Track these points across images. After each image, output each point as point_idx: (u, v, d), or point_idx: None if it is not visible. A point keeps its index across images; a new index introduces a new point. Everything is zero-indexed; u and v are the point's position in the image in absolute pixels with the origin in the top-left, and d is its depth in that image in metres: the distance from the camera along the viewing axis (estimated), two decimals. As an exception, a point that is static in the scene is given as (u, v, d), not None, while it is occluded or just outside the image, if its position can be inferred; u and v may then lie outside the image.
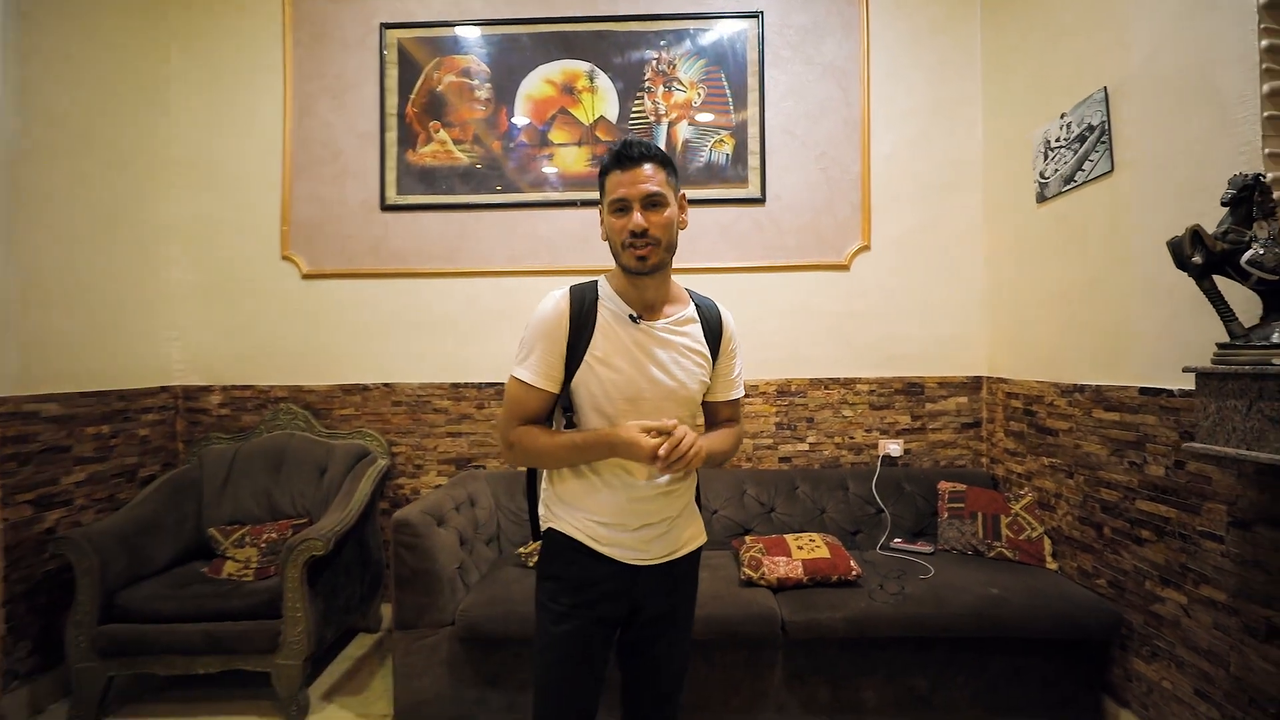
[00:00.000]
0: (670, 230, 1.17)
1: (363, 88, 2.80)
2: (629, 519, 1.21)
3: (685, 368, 1.22)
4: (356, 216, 2.81)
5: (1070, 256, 2.19)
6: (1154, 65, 1.83)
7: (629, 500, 1.21)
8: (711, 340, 1.27)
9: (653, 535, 1.23)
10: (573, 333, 1.18)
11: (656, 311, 1.23)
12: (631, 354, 1.19)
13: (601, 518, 1.21)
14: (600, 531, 1.21)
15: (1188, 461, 1.70)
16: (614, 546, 1.21)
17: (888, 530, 2.47)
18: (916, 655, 1.97)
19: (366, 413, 2.80)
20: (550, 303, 1.20)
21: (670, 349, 1.22)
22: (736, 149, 2.75)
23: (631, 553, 1.21)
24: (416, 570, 2.01)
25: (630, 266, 1.17)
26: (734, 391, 1.34)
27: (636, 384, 1.19)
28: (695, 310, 1.28)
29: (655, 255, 1.15)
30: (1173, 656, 1.75)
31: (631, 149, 1.15)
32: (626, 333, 1.20)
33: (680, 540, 1.28)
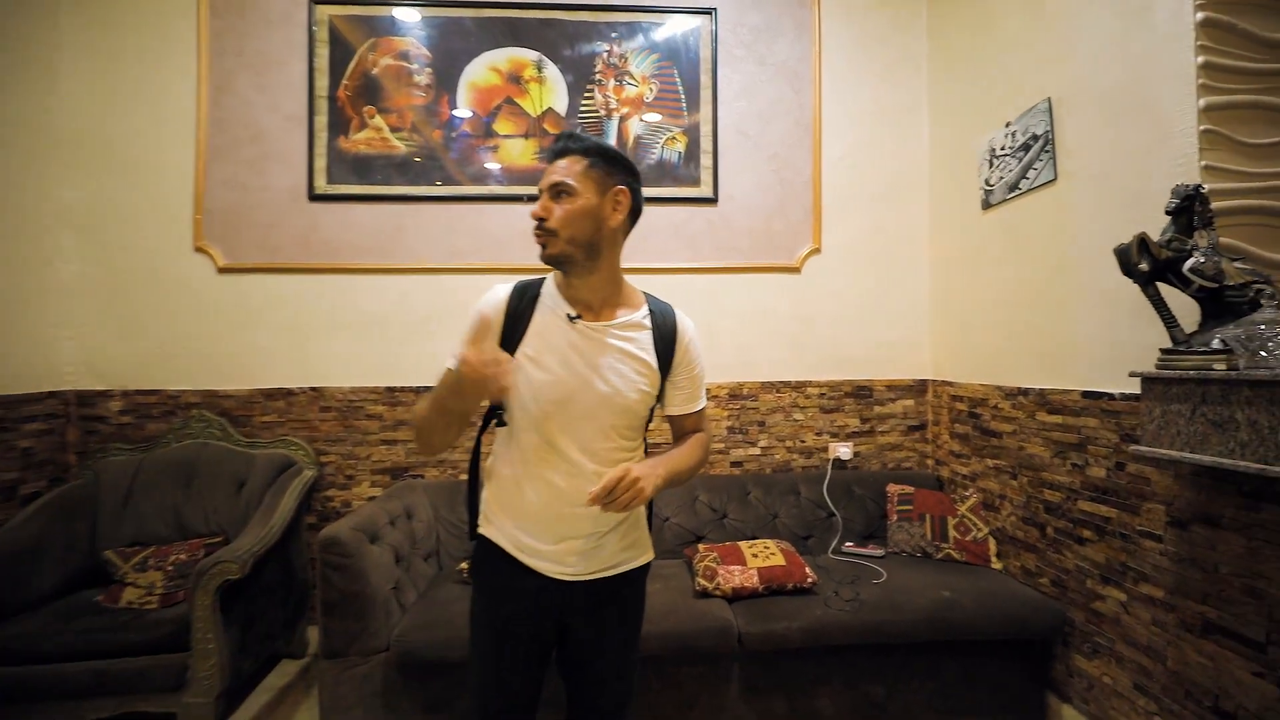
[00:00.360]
0: (574, 224, 1.11)
1: (289, 66, 2.58)
2: (550, 530, 1.16)
3: (622, 374, 1.16)
4: (281, 205, 2.58)
5: (1014, 263, 2.25)
6: (1095, 78, 1.88)
7: (553, 510, 1.15)
8: (662, 349, 1.20)
9: (577, 550, 1.17)
10: (507, 327, 1.15)
11: (599, 313, 1.18)
12: (564, 354, 1.14)
13: (524, 525, 1.17)
14: (524, 541, 1.17)
15: (1128, 463, 1.75)
16: (536, 558, 1.16)
17: (839, 534, 2.46)
18: (872, 661, 1.95)
19: (291, 419, 2.58)
20: (490, 295, 1.18)
21: (609, 353, 1.16)
22: (689, 147, 2.69)
23: (555, 566, 1.16)
24: (346, 593, 1.84)
25: (541, 257, 1.14)
26: (693, 404, 1.28)
27: (566, 386, 1.13)
28: (648, 316, 1.21)
29: (554, 246, 1.12)
30: (1113, 652, 1.80)
31: (557, 141, 1.15)
32: (562, 333, 1.15)
33: (613, 557, 1.21)
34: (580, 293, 1.17)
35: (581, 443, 1.15)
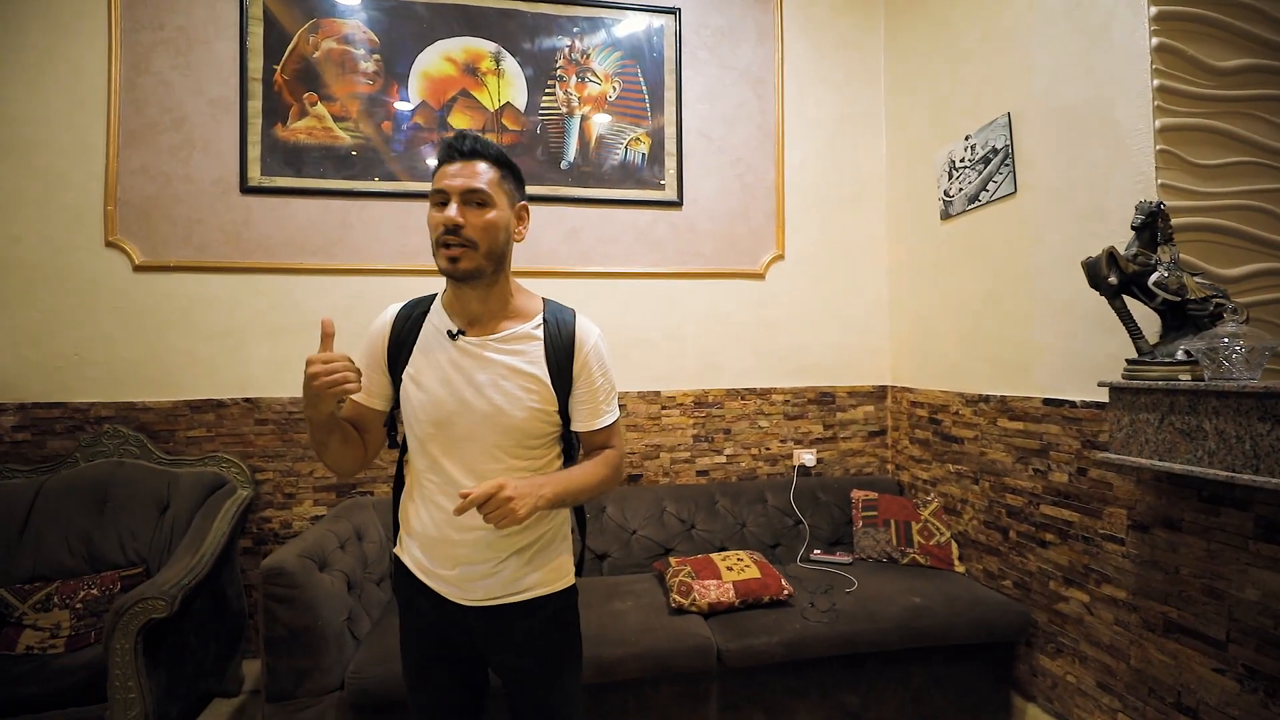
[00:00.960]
0: (493, 235, 1.06)
1: (216, 44, 2.34)
2: (445, 555, 1.11)
3: (506, 391, 1.09)
4: (208, 198, 2.34)
5: (974, 272, 2.30)
6: (1054, 94, 1.94)
7: (444, 534, 1.11)
8: (557, 362, 1.12)
9: (475, 575, 1.11)
10: (392, 350, 1.12)
11: (484, 326, 1.12)
12: (444, 373, 1.09)
13: (423, 549, 1.13)
14: (423, 562, 1.14)
15: (1090, 469, 1.81)
16: (436, 581, 1.13)
17: (807, 541, 2.46)
18: (847, 671, 1.95)
19: (223, 434, 2.34)
20: (380, 317, 1.16)
21: (491, 369, 1.09)
22: (653, 149, 2.63)
23: (454, 590, 1.12)
24: (294, 628, 1.67)
25: (441, 268, 1.06)
26: (598, 420, 1.17)
27: (445, 406, 1.08)
28: (540, 326, 1.14)
29: (469, 260, 1.04)
30: (1076, 652, 1.86)
31: (464, 141, 1.06)
32: (444, 350, 1.10)
33: (511, 584, 1.13)
34: (470, 305, 1.11)
35: (467, 464, 1.09)
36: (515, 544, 1.13)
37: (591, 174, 2.57)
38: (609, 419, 1.19)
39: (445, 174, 1.05)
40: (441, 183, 1.05)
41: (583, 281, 2.56)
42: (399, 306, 1.17)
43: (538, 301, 1.18)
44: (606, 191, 2.58)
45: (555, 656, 1.19)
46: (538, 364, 1.11)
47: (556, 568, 1.19)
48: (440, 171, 1.07)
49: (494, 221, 1.06)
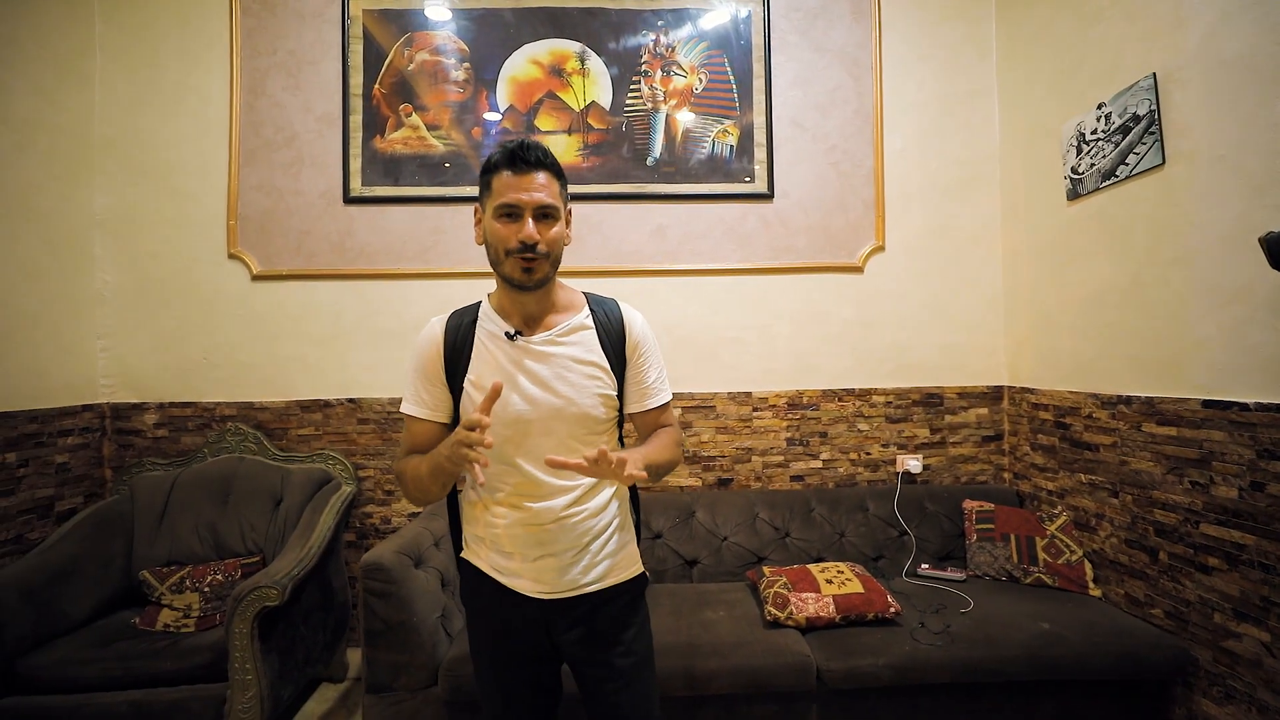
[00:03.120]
0: (559, 245, 1.11)
1: (321, 65, 2.48)
2: (526, 549, 1.13)
3: (573, 381, 1.13)
4: (315, 210, 2.48)
5: (1110, 257, 2.03)
6: (1215, 46, 1.67)
7: (525, 530, 1.12)
8: (612, 347, 1.17)
9: (555, 566, 1.13)
10: (449, 361, 1.13)
11: (540, 324, 1.15)
12: (509, 375, 1.11)
13: (502, 547, 1.14)
14: (501, 562, 1.15)
15: (1269, 483, 1.54)
16: (514, 577, 1.14)
17: (913, 555, 2.27)
18: (964, 702, 1.76)
19: (329, 432, 2.47)
20: (426, 332, 1.16)
21: (554, 363, 1.12)
22: (741, 140, 2.52)
23: (533, 584, 1.13)
24: (391, 623, 1.71)
25: (514, 279, 1.08)
26: (653, 399, 1.21)
27: (516, 406, 1.10)
28: (589, 316, 1.18)
29: (542, 270, 1.08)
30: (1254, 700, 1.58)
31: (528, 152, 1.07)
32: (502, 352, 1.12)
33: (595, 572, 1.15)
34: (528, 307, 1.14)
35: (542, 460, 1.09)
36: (591, 530, 1.15)
37: (678, 169, 2.51)
38: (663, 398, 1.23)
39: (511, 185, 1.06)
40: (512, 196, 1.06)
41: (669, 280, 2.50)
42: (443, 319, 1.17)
43: (579, 294, 1.22)
44: (693, 186, 2.50)
45: (631, 649, 1.18)
46: (595, 351, 1.15)
47: (629, 555, 1.21)
48: (504, 180, 1.07)
49: (560, 233, 1.11)
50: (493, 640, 1.18)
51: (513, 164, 1.07)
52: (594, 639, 1.16)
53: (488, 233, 1.10)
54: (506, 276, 1.09)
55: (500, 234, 1.07)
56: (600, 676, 1.17)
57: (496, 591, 1.15)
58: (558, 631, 1.16)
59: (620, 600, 1.18)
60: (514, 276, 1.08)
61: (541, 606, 1.14)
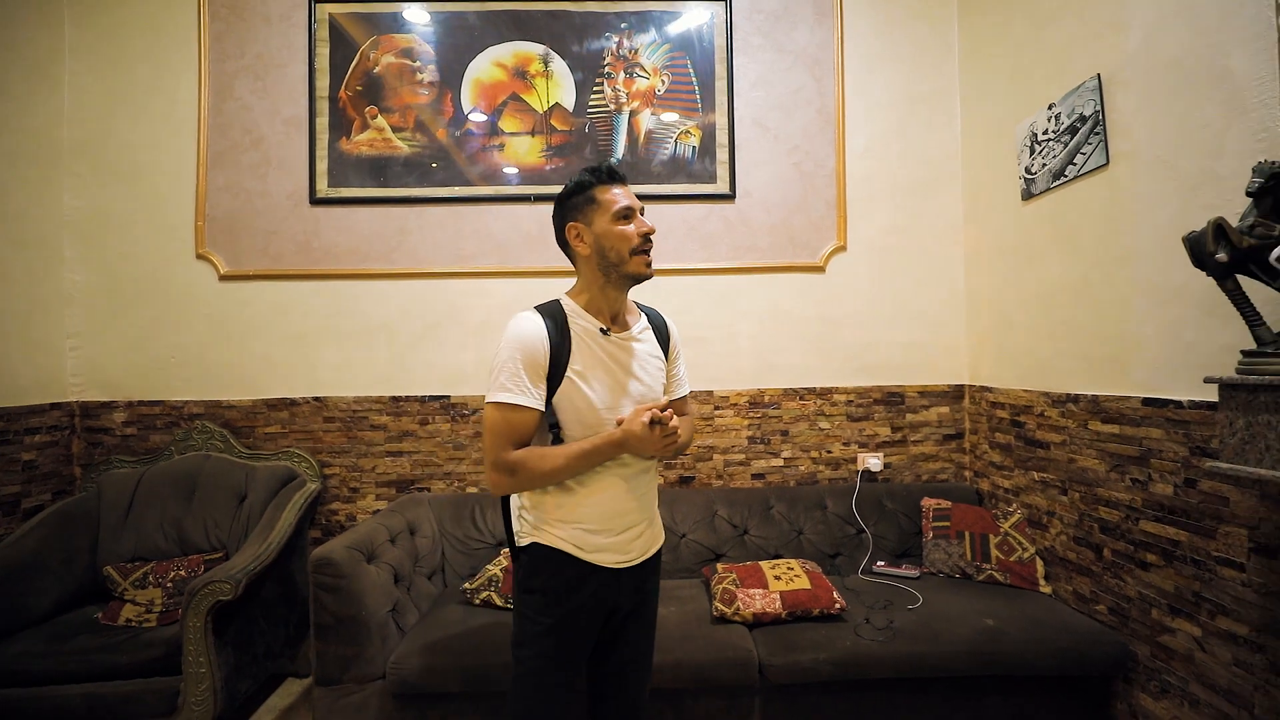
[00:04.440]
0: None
1: (289, 68, 2.51)
2: (615, 521, 1.26)
3: (651, 373, 1.31)
4: (282, 210, 2.51)
5: (1060, 257, 2.05)
6: (1154, 48, 1.69)
7: (614, 502, 1.25)
8: (661, 343, 1.38)
9: (634, 536, 1.28)
10: (554, 351, 1.21)
11: (621, 322, 1.31)
12: (607, 365, 1.25)
13: (590, 525, 1.24)
14: (588, 539, 1.24)
15: (1200, 480, 1.55)
16: (600, 552, 1.24)
17: (870, 552, 2.28)
18: (908, 697, 1.78)
19: (295, 430, 2.50)
20: (528, 325, 1.22)
21: (637, 357, 1.30)
22: (704, 141, 2.55)
23: (616, 555, 1.25)
24: (340, 617, 1.74)
25: (640, 274, 1.24)
26: (684, 388, 1.45)
27: (616, 392, 1.25)
28: (645, 318, 1.37)
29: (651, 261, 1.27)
30: (1186, 694, 1.59)
31: (618, 169, 1.26)
32: (599, 346, 1.25)
33: (655, 537, 1.36)
34: (616, 305, 1.29)
35: None
36: (653, 501, 1.35)
37: (640, 170, 2.53)
38: (688, 388, 1.47)
39: (619, 193, 1.24)
40: (622, 201, 1.23)
41: (632, 279, 2.52)
42: (537, 317, 1.23)
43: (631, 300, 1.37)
44: (656, 187, 2.52)
45: (657, 597, 1.41)
46: (657, 348, 1.35)
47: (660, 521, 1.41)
48: (610, 192, 1.24)
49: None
50: (564, 615, 1.23)
51: (613, 178, 1.25)
52: (648, 595, 1.35)
53: (606, 237, 1.22)
54: (631, 273, 1.24)
55: (624, 234, 1.22)
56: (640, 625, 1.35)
57: (576, 567, 1.23)
58: (624, 595, 1.29)
59: (657, 560, 1.38)
60: (640, 272, 1.24)
61: (616, 576, 1.26)
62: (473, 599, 2.01)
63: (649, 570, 1.34)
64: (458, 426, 2.50)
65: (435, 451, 2.50)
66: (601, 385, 1.23)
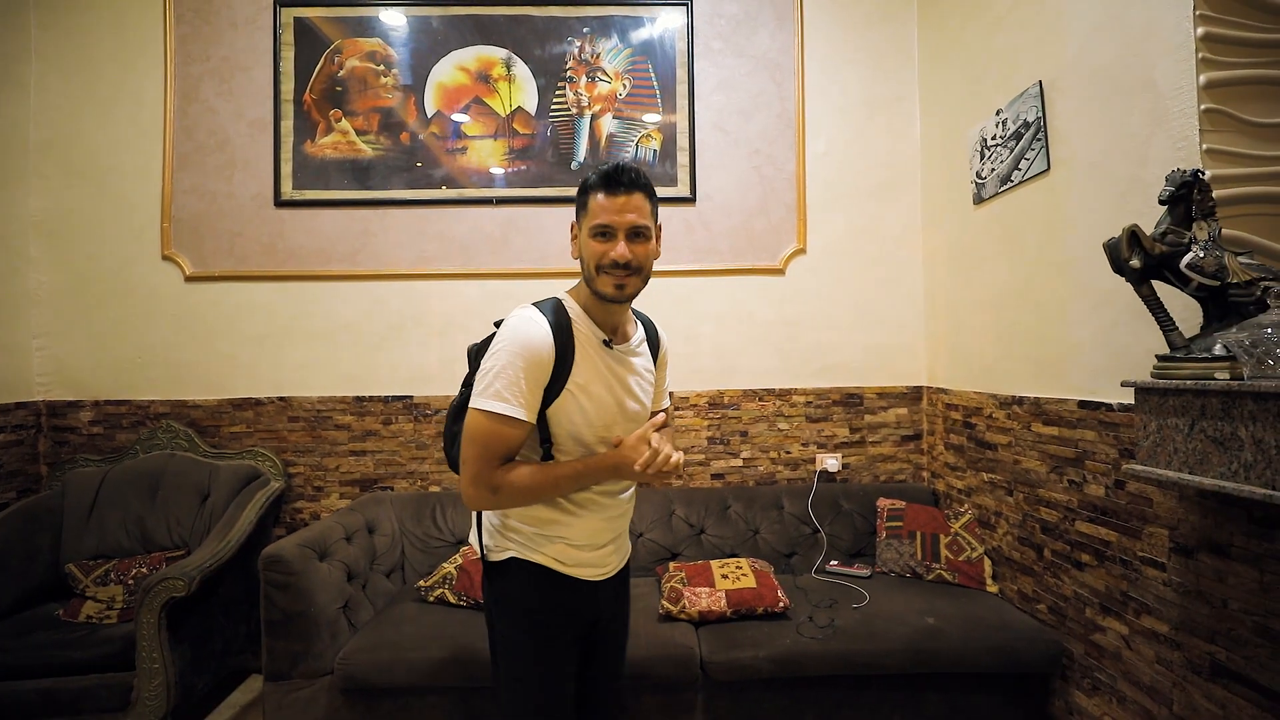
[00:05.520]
0: (651, 262, 1.17)
1: (254, 71, 2.53)
2: (595, 538, 1.22)
3: (644, 389, 1.25)
4: (247, 212, 2.53)
5: (1007, 261, 2.08)
6: (1088, 57, 1.72)
7: (599, 521, 1.22)
8: (653, 357, 1.32)
9: (611, 550, 1.26)
10: (558, 363, 1.12)
11: (621, 334, 1.23)
12: (606, 379, 1.18)
13: (575, 541, 1.20)
14: (569, 554, 1.20)
15: (1128, 481, 1.58)
16: (580, 567, 1.21)
17: (824, 552, 2.31)
18: (849, 694, 1.81)
19: (260, 430, 2.53)
20: (535, 328, 1.12)
21: (634, 373, 1.23)
22: (665, 145, 2.57)
23: (594, 570, 1.23)
24: (289, 613, 1.77)
25: (607, 294, 1.14)
26: (666, 400, 1.43)
27: (612, 410, 1.19)
28: (641, 330, 1.30)
29: (634, 285, 1.15)
30: (1114, 691, 1.62)
31: (622, 175, 1.12)
32: (600, 358, 1.18)
33: (626, 551, 1.35)
34: (615, 317, 1.20)
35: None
36: (630, 515, 1.32)
37: (602, 173, 2.55)
38: (669, 398, 1.46)
39: (606, 207, 1.11)
40: (606, 218, 1.11)
41: (593, 281, 2.55)
42: (543, 320, 1.13)
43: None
44: (617, 190, 2.55)
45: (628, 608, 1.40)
46: (650, 362, 1.30)
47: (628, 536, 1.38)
48: (598, 203, 1.12)
49: (651, 250, 1.17)
50: (547, 633, 1.19)
51: (608, 186, 1.12)
52: (623, 603, 1.35)
53: (583, 248, 1.15)
54: (599, 291, 1.14)
55: (595, 250, 1.12)
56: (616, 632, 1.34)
57: (556, 583, 1.19)
58: (605, 606, 1.28)
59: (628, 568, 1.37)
60: (606, 292, 1.13)
61: (595, 588, 1.24)
62: (427, 596, 2.04)
63: (623, 579, 1.34)
64: (421, 426, 2.53)
65: (398, 451, 2.53)
66: (601, 402, 1.16)
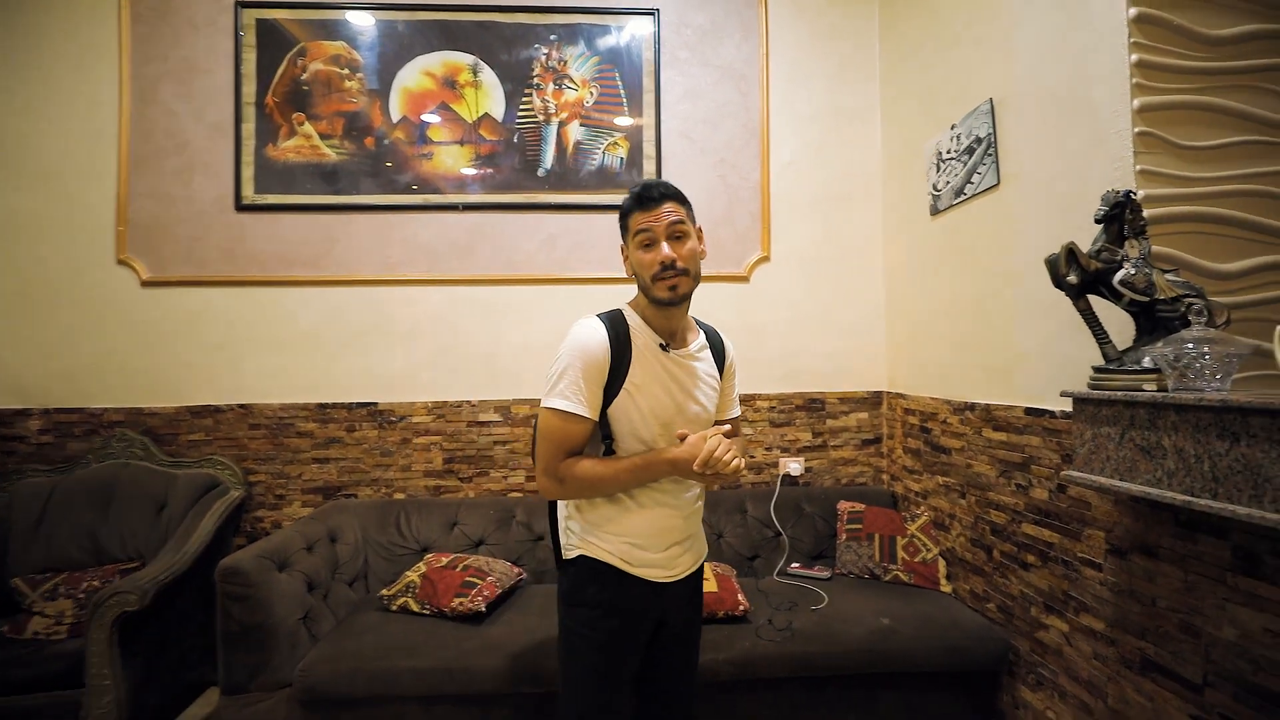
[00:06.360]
0: (697, 260, 1.24)
1: (215, 73, 2.49)
2: (661, 538, 1.26)
3: (706, 393, 1.29)
4: (207, 217, 2.49)
5: (960, 271, 2.14)
6: (1036, 77, 1.79)
7: (663, 520, 1.26)
8: (718, 365, 1.36)
9: (680, 552, 1.29)
10: (614, 362, 1.20)
11: (680, 339, 1.28)
12: (664, 381, 1.24)
13: (635, 539, 1.24)
14: (634, 553, 1.24)
15: (1069, 486, 1.65)
16: (645, 567, 1.24)
17: (786, 555, 2.36)
18: (807, 695, 1.85)
19: (219, 438, 2.49)
20: (591, 333, 1.20)
21: (694, 376, 1.28)
22: (631, 152, 2.60)
23: (661, 571, 1.26)
24: (247, 625, 1.75)
25: (663, 298, 1.20)
26: (735, 409, 1.45)
27: (670, 410, 1.24)
28: (704, 337, 1.35)
29: (685, 285, 1.21)
30: (1055, 686, 1.69)
31: (652, 190, 1.21)
32: (658, 361, 1.24)
33: (700, 553, 1.37)
34: (673, 323, 1.26)
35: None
36: (699, 518, 1.37)
37: (568, 180, 2.57)
38: (739, 409, 1.48)
39: (644, 219, 1.20)
40: (646, 224, 1.20)
41: (560, 288, 2.56)
42: (600, 326, 1.21)
43: (692, 318, 1.36)
44: (584, 197, 2.57)
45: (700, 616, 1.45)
46: (713, 368, 1.34)
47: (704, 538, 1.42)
48: (636, 218, 1.22)
49: (694, 249, 1.24)
50: (611, 629, 1.23)
51: (642, 204, 1.21)
52: (691, 612, 1.37)
53: (634, 264, 1.23)
54: (656, 298, 1.21)
55: (644, 261, 1.20)
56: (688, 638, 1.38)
57: (622, 581, 1.24)
58: (670, 609, 1.30)
59: (700, 574, 1.40)
60: (662, 296, 1.20)
61: (663, 590, 1.27)
62: (390, 605, 2.03)
63: (694, 585, 1.36)
64: (385, 433, 2.52)
65: (362, 458, 2.51)
66: (658, 401, 1.23)
